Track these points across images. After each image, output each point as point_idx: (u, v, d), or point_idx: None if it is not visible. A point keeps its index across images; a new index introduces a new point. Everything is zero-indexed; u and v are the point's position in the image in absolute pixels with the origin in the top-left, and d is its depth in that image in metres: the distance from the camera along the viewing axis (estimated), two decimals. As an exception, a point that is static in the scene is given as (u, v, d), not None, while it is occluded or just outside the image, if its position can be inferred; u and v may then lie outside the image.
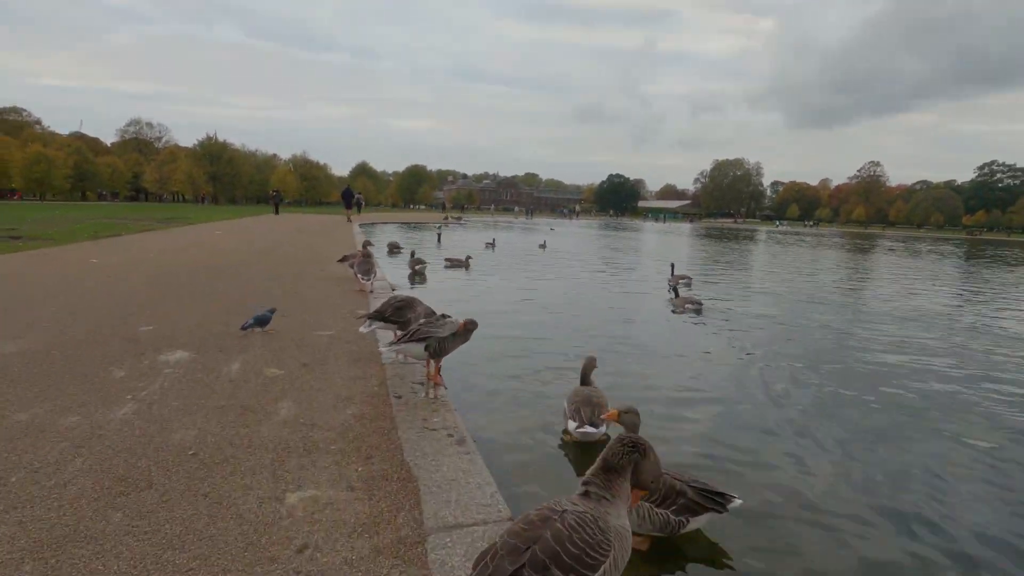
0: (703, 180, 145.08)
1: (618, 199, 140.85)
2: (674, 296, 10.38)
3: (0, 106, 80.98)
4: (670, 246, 32.84)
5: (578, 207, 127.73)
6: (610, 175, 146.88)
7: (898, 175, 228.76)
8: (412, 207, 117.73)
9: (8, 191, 63.79)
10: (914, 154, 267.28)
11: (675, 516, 2.84)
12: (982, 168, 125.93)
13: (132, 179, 78.58)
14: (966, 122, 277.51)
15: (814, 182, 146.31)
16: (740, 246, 35.66)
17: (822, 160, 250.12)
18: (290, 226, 26.61)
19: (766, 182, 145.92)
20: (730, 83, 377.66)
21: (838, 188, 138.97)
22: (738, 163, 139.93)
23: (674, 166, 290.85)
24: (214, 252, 13.63)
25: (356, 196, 38.79)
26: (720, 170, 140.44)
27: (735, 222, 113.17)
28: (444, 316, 4.47)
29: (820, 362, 7.00)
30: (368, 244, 9.88)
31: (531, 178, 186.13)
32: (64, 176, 65.72)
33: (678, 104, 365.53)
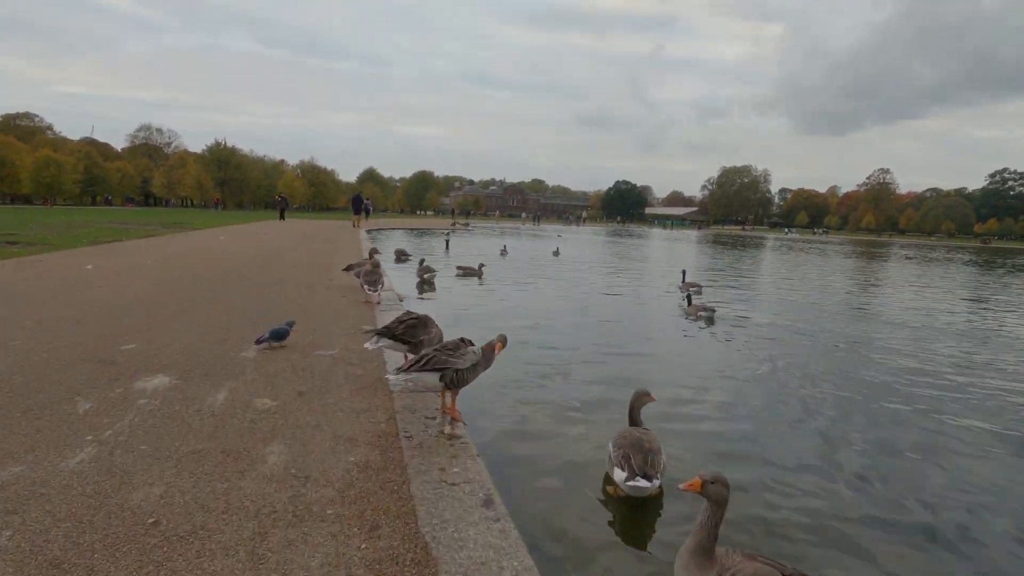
0: (710, 187, 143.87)
1: (625, 205, 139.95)
2: (687, 304, 10.35)
3: (12, 111, 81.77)
4: (680, 253, 32.45)
5: (585, 213, 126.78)
6: (617, 181, 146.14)
7: (907, 182, 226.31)
8: (419, 213, 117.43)
9: (43, 198, 64.19)
10: (923, 161, 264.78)
11: None
12: (993, 176, 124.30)
13: (141, 184, 78.72)
14: (977, 128, 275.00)
15: (822, 189, 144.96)
16: (751, 254, 34.98)
17: (830, 167, 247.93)
18: (296, 232, 26.13)
19: (774, 189, 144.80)
20: (738, 89, 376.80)
21: (847, 195, 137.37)
22: (746, 170, 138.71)
23: (681, 172, 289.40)
24: (216, 259, 13.09)
25: (365, 202, 38.44)
26: (727, 177, 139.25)
27: (743, 229, 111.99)
28: (463, 341, 3.84)
29: (842, 375, 6.77)
30: (375, 252, 9.29)
31: (538, 184, 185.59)
32: (74, 181, 65.80)
33: (685, 110, 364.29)
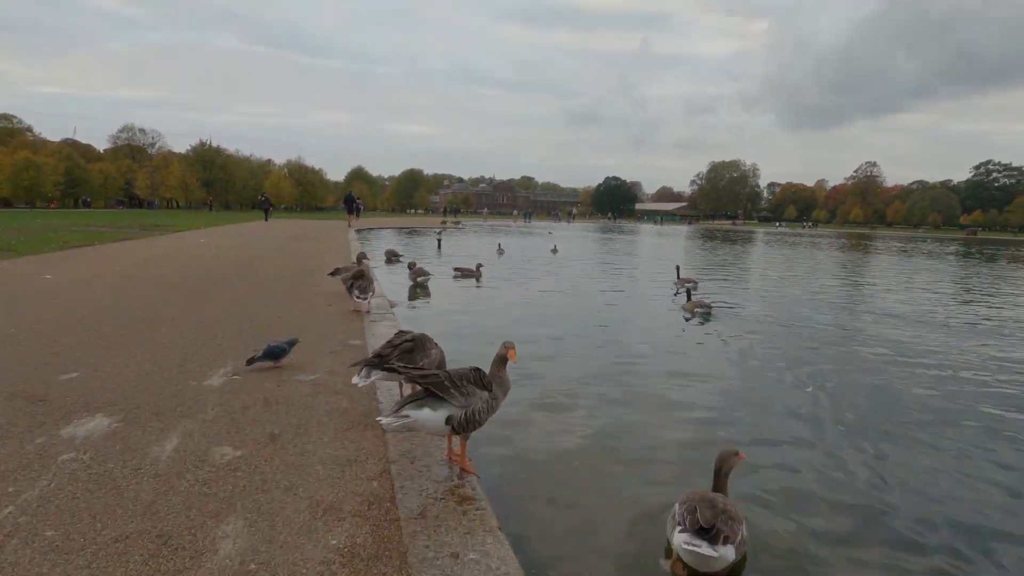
0: (700, 182, 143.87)
1: (615, 201, 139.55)
2: (685, 300, 10.38)
3: (-9, 112, 79.37)
4: (672, 249, 32.10)
5: (575, 210, 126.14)
6: (607, 178, 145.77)
7: (894, 175, 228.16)
8: (409, 211, 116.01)
9: (48, 200, 62.57)
10: (909, 154, 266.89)
11: None
12: (978, 168, 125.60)
13: (125, 185, 76.75)
14: (961, 122, 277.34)
15: (810, 183, 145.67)
16: (743, 248, 34.63)
17: (818, 161, 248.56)
18: (280, 233, 25.14)
19: (762, 183, 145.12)
20: (725, 85, 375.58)
21: (835, 189, 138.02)
22: (734, 165, 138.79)
23: (670, 168, 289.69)
24: (192, 265, 12.18)
25: (356, 201, 37.60)
26: (716, 172, 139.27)
27: (734, 224, 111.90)
28: (476, 371, 3.07)
29: (843, 370, 6.66)
30: (363, 257, 8.48)
31: (527, 181, 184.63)
32: (54, 183, 63.97)
33: (674, 106, 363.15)
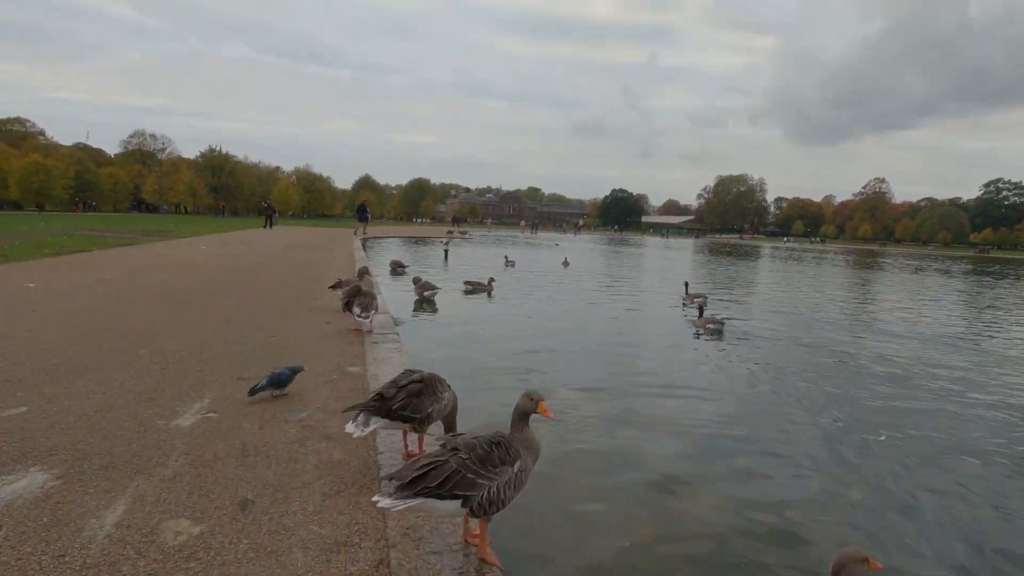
0: (706, 195, 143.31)
1: (621, 214, 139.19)
2: (697, 316, 10.20)
3: (3, 117, 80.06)
4: (680, 263, 31.65)
5: (581, 222, 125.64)
6: (613, 190, 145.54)
7: (902, 192, 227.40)
8: (416, 220, 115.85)
9: (75, 203, 62.62)
10: (915, 171, 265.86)
11: None
12: (988, 185, 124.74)
13: (134, 190, 76.91)
14: (970, 139, 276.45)
15: (817, 198, 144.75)
16: (751, 264, 34.06)
17: (825, 176, 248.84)
18: (283, 242, 24.62)
19: (769, 198, 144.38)
20: (732, 99, 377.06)
21: (843, 204, 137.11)
22: (741, 179, 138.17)
23: (677, 181, 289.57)
24: (187, 274, 11.59)
25: (367, 212, 37.16)
26: (723, 186, 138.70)
27: (741, 238, 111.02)
28: (499, 443, 2.38)
29: (863, 392, 6.54)
30: (365, 272, 7.85)
31: (534, 192, 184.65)
32: (64, 186, 64.04)
33: (681, 119, 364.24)
